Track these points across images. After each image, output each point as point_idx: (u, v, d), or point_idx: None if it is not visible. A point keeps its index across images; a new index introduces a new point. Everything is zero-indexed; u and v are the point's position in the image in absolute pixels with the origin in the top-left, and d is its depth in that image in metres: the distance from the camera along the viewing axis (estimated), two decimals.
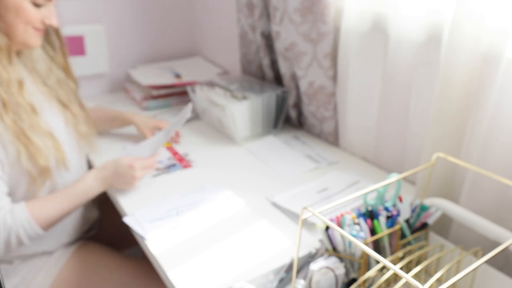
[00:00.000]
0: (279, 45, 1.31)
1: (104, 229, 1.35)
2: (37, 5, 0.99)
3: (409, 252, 0.80)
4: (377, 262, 0.76)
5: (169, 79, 1.68)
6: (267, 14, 1.35)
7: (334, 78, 1.23)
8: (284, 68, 1.35)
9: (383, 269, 0.76)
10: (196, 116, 1.54)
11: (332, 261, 0.72)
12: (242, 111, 1.32)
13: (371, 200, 0.83)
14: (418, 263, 0.80)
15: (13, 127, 0.97)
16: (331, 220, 0.78)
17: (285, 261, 0.82)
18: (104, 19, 1.73)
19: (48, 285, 1.09)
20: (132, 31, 1.82)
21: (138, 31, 1.83)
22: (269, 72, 1.45)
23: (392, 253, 0.80)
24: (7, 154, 0.98)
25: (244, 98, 1.34)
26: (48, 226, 1.03)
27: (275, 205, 1.04)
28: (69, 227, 1.15)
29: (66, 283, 1.11)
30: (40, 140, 1.01)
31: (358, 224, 0.77)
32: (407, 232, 0.80)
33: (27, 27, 0.99)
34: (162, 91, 1.64)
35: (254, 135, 1.39)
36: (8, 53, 0.98)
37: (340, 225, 0.77)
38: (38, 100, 1.05)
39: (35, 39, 1.02)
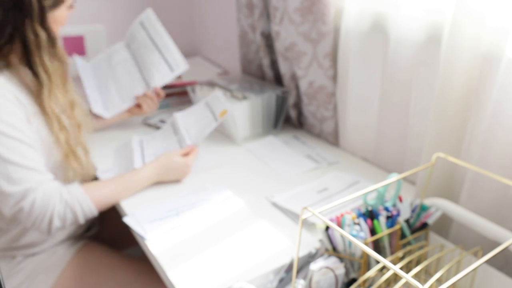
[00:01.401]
0: (279, 45, 1.31)
1: (104, 229, 1.35)
2: (71, 7, 1.03)
3: (409, 252, 0.80)
4: (377, 262, 0.76)
5: None
6: (267, 14, 1.35)
7: (334, 78, 1.23)
8: (284, 68, 1.35)
9: (383, 269, 0.76)
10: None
11: (332, 261, 0.72)
12: (242, 111, 1.32)
13: (371, 200, 0.83)
14: (418, 263, 0.80)
15: (64, 147, 1.01)
16: (331, 220, 0.78)
17: (285, 261, 0.82)
18: (104, 19, 1.73)
19: (50, 284, 1.09)
20: None
21: None
22: (269, 72, 1.45)
23: (392, 253, 0.80)
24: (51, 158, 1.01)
25: (244, 98, 1.34)
26: (101, 207, 1.03)
27: (275, 205, 1.04)
28: None
29: (69, 282, 1.11)
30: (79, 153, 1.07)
31: (358, 224, 0.77)
32: (407, 232, 0.80)
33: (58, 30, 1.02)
34: None
35: (254, 135, 1.39)
36: (65, 77, 1.02)
37: (340, 225, 0.77)
38: None
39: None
